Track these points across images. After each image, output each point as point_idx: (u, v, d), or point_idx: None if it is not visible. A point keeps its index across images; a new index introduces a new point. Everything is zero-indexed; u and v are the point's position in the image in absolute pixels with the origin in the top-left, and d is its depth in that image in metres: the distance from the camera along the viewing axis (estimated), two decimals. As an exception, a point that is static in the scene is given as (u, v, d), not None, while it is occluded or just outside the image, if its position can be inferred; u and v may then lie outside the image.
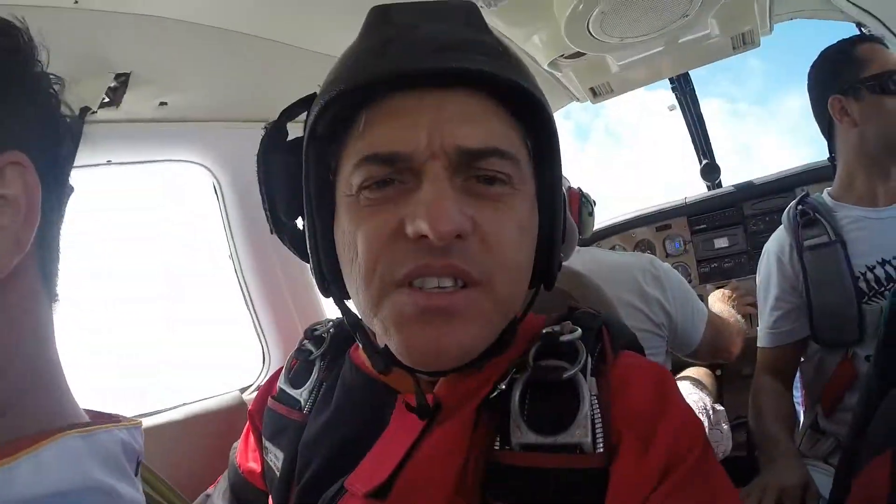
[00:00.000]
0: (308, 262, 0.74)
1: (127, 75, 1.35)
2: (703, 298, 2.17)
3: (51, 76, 0.55)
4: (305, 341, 0.92)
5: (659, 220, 2.89)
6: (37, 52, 0.54)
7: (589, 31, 1.67)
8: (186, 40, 1.36)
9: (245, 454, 0.95)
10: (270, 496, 0.82)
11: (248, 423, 0.98)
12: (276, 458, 0.83)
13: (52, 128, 0.54)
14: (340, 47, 0.94)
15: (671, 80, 2.72)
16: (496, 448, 0.63)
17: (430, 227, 0.56)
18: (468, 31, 0.65)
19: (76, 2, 1.14)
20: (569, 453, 0.59)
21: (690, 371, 2.33)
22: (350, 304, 0.72)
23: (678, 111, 2.85)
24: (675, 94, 2.80)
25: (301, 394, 0.85)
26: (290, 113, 0.76)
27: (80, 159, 0.58)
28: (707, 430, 1.89)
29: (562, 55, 1.93)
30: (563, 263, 1.32)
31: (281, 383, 0.90)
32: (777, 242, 1.73)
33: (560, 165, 0.72)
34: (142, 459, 0.56)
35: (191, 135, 1.64)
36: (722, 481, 0.61)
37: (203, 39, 1.38)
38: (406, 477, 0.65)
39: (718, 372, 2.48)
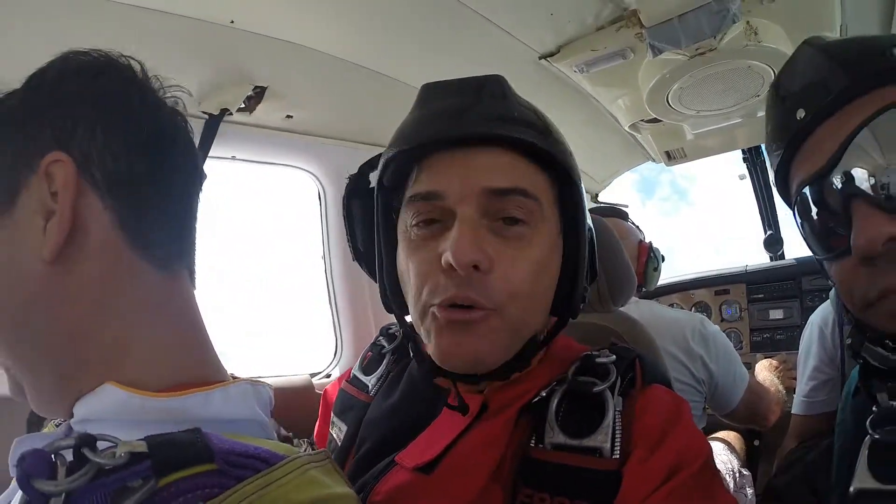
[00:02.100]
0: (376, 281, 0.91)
1: (264, 88, 1.61)
2: (751, 366, 2.22)
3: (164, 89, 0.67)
4: (380, 337, 1.09)
5: (718, 284, 2.93)
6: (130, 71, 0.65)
7: (668, 103, 1.83)
8: (316, 66, 1.61)
9: (318, 432, 1.16)
10: None
11: (321, 404, 1.17)
12: (339, 430, 0.99)
13: (138, 129, 0.62)
14: (429, 79, 1.16)
15: (743, 151, 2.79)
16: (531, 445, 0.73)
17: (454, 259, 0.70)
18: (500, 103, 0.80)
19: (232, 21, 1.41)
20: (590, 455, 0.70)
21: (723, 433, 2.36)
22: (408, 318, 0.88)
23: (748, 180, 2.92)
24: (747, 165, 2.86)
25: (370, 380, 1.01)
26: (370, 164, 0.93)
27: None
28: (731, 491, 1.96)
29: (641, 119, 2.08)
30: (622, 310, 1.50)
31: (355, 370, 1.06)
32: (822, 315, 1.73)
33: (584, 215, 0.83)
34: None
35: (306, 146, 1.87)
36: (723, 494, 0.69)
37: (330, 67, 1.63)
38: (450, 460, 0.77)
39: (756, 442, 2.49)
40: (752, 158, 2.85)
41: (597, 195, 3.01)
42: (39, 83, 0.61)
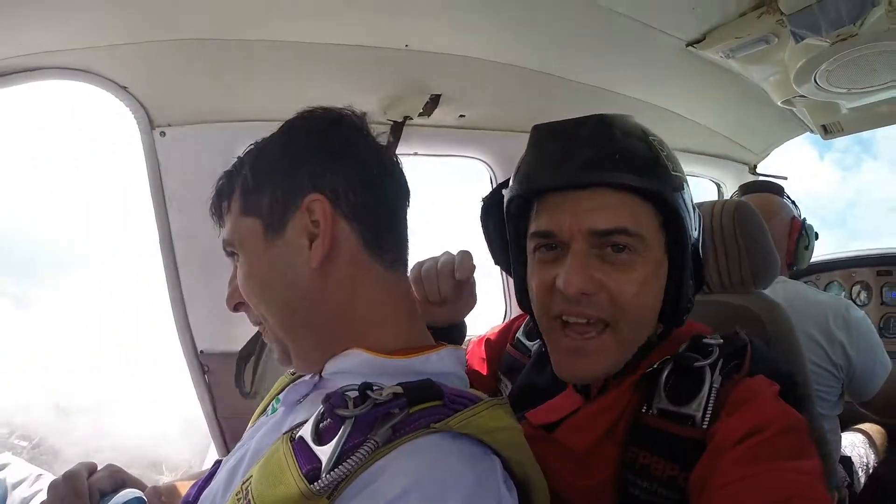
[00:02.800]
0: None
1: (438, 96, 1.95)
2: None
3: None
4: None
5: (882, 263, 2.75)
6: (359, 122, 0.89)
7: (816, 82, 1.87)
8: (482, 71, 1.91)
9: (478, 370, 1.36)
10: None
11: (484, 350, 1.38)
12: (506, 387, 1.22)
13: (360, 167, 0.85)
14: (588, 76, 1.34)
15: None
16: (643, 411, 0.87)
17: (564, 288, 0.86)
18: (603, 146, 0.88)
19: (406, 45, 1.75)
20: (684, 424, 0.82)
21: (867, 425, 2.25)
22: None
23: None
24: None
25: (533, 344, 1.22)
26: (493, 193, 1.09)
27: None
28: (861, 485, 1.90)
29: (794, 95, 2.10)
30: (765, 291, 1.52)
31: (520, 335, 1.28)
32: None
33: (687, 237, 0.91)
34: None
35: (478, 139, 2.21)
36: (795, 461, 0.73)
37: (493, 71, 1.92)
38: (569, 423, 0.96)
39: None
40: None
41: (755, 167, 2.99)
42: (292, 136, 0.87)
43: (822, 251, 2.88)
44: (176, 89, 1.72)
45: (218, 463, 0.93)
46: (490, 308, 2.43)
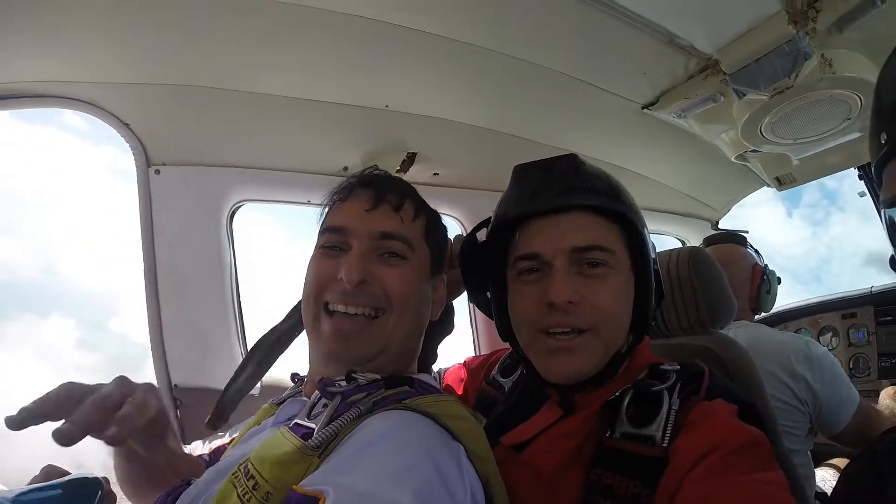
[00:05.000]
0: (491, 318, 1.19)
1: (415, 154, 2.07)
2: (876, 393, 2.14)
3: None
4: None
5: (845, 307, 2.82)
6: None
7: (762, 135, 2.01)
8: (456, 133, 2.04)
9: (456, 391, 1.46)
10: None
11: (464, 372, 1.49)
12: (480, 422, 1.23)
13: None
14: (554, 138, 1.46)
15: (858, 168, 2.60)
16: (606, 435, 0.91)
17: (555, 300, 0.95)
18: (575, 177, 1.04)
19: (387, 105, 1.87)
20: (645, 443, 0.86)
21: (837, 460, 2.29)
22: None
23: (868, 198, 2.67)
24: (864, 182, 2.66)
25: (507, 382, 1.31)
26: (479, 227, 1.21)
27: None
28: None
29: (746, 151, 2.23)
30: (724, 331, 1.59)
31: (494, 373, 1.35)
32: None
33: (647, 251, 1.06)
34: None
35: (450, 196, 2.31)
36: (757, 475, 0.75)
37: (466, 133, 2.05)
38: (538, 443, 1.02)
39: None
40: (869, 175, 2.60)
41: (716, 223, 3.13)
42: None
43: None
44: (174, 131, 1.82)
45: (185, 482, 0.96)
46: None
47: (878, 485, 0.71)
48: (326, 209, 1.10)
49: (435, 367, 1.39)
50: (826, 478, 2.11)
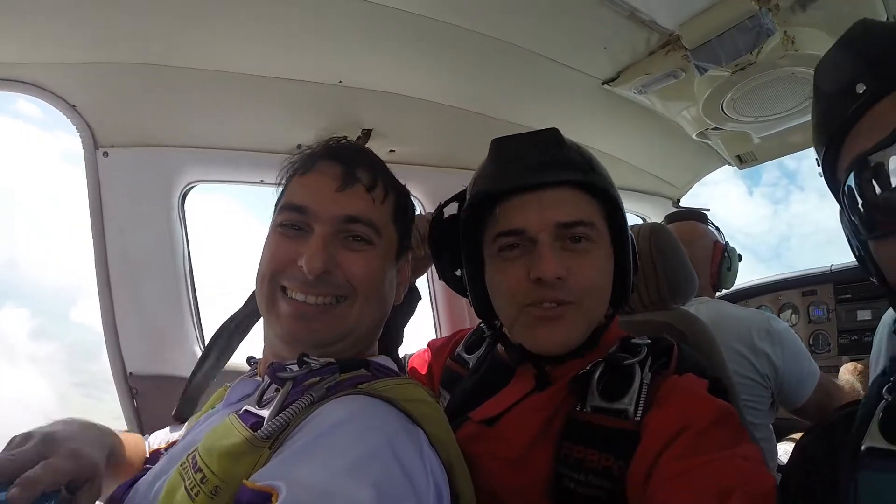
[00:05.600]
0: (462, 295, 1.17)
1: (370, 131, 2.00)
2: (836, 369, 2.19)
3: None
4: (482, 324, 1.32)
5: (805, 284, 2.89)
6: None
7: (724, 112, 1.99)
8: (412, 109, 1.98)
9: (420, 373, 1.45)
10: None
11: (429, 353, 1.46)
12: (444, 399, 1.26)
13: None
14: (514, 114, 1.44)
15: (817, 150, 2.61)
16: (577, 409, 0.91)
17: (543, 275, 0.93)
18: (556, 151, 1.02)
19: (340, 81, 1.80)
20: (617, 417, 0.86)
21: (799, 435, 2.20)
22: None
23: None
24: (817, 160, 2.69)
25: (472, 358, 1.28)
26: (446, 203, 1.16)
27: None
28: None
29: (707, 128, 2.23)
30: (684, 308, 1.61)
31: (459, 349, 1.33)
32: (892, 315, 1.63)
33: (626, 226, 1.06)
34: None
35: (408, 174, 2.19)
36: (733, 449, 0.76)
37: (422, 109, 1.99)
38: (508, 417, 1.01)
39: None
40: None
41: (678, 200, 3.14)
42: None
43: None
44: (122, 111, 1.73)
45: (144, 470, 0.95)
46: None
47: (831, 455, 0.72)
48: (284, 184, 1.04)
49: (401, 353, 1.37)
50: (789, 451, 2.10)
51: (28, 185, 79.03)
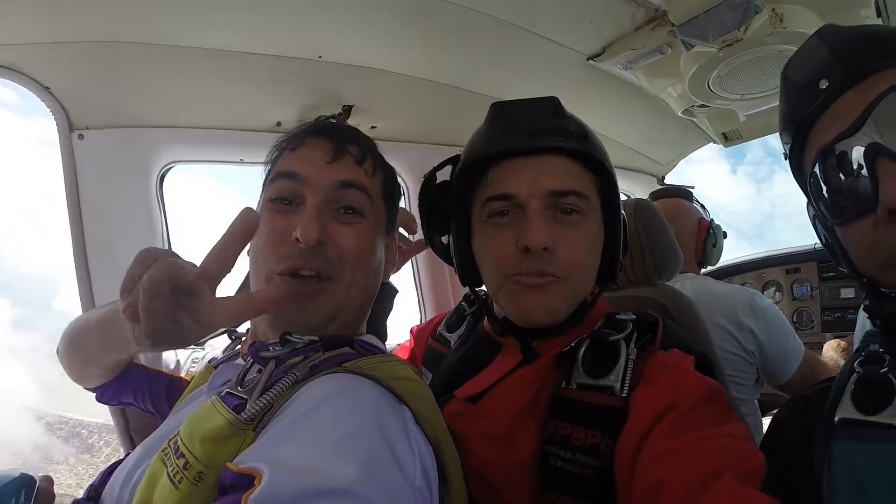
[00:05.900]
0: (448, 263, 1.15)
1: (351, 107, 1.96)
2: (820, 346, 2.22)
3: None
4: (464, 303, 1.35)
5: (789, 262, 2.91)
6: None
7: (710, 89, 1.97)
8: (393, 84, 1.93)
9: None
10: None
11: (411, 340, 1.46)
12: (426, 378, 1.23)
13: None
14: (497, 89, 1.39)
15: None
16: (563, 386, 0.90)
17: (531, 244, 0.91)
18: (555, 119, 1.00)
19: (320, 56, 1.75)
20: (604, 393, 0.85)
21: None
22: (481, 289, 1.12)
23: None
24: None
25: (453, 336, 1.28)
26: (439, 167, 1.13)
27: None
28: None
29: (693, 105, 2.20)
30: (669, 284, 1.63)
31: (440, 329, 1.33)
32: None
33: (619, 201, 1.03)
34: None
35: (390, 150, 2.15)
36: (722, 426, 0.76)
37: (404, 84, 1.94)
38: (493, 394, 1.00)
39: None
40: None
41: (662, 178, 3.13)
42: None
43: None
44: (97, 92, 1.67)
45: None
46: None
47: (807, 429, 0.76)
48: (272, 162, 1.02)
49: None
50: None
51: (7, 173, 75.72)
